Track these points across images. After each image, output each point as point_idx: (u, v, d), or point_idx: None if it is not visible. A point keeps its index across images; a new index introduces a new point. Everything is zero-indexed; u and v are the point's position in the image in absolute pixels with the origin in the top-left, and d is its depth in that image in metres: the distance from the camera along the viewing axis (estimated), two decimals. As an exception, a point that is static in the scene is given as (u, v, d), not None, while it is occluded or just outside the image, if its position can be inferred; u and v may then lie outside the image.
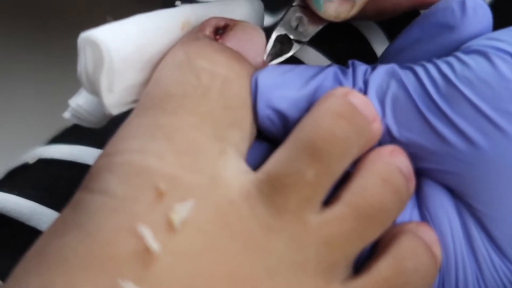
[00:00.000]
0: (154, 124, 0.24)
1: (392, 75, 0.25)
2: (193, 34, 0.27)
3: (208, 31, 0.27)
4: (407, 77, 0.25)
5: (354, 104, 0.24)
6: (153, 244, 0.22)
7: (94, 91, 0.26)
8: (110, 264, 0.22)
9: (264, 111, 0.25)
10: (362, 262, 0.25)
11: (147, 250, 0.22)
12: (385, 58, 0.28)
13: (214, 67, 0.25)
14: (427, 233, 0.25)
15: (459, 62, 0.25)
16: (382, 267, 0.24)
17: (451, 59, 0.25)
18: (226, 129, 0.25)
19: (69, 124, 0.39)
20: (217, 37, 0.27)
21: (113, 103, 0.26)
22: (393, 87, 0.25)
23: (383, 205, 0.24)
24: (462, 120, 0.24)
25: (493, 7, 0.37)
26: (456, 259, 0.25)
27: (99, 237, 0.22)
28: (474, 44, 0.25)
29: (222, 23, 0.27)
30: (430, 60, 0.25)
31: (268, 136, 0.26)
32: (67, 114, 0.28)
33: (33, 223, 0.32)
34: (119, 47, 0.25)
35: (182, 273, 0.22)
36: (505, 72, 0.24)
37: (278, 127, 0.26)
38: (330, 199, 0.24)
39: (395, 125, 0.25)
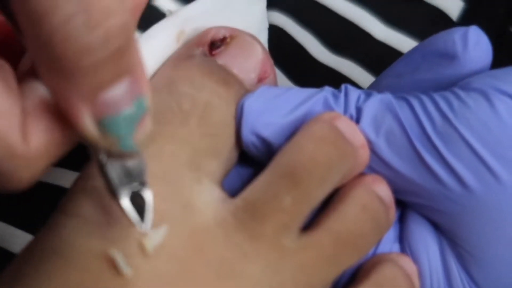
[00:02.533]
0: None
1: (387, 106, 0.25)
2: (188, 49, 0.26)
3: (203, 46, 0.26)
4: (402, 111, 0.25)
5: (339, 129, 0.24)
6: (125, 268, 0.22)
7: None
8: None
9: (248, 137, 0.25)
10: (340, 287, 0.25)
11: (119, 275, 0.22)
12: (382, 82, 0.28)
13: (197, 92, 0.25)
14: (408, 264, 0.25)
15: (458, 100, 0.24)
16: None
17: (449, 95, 0.25)
18: (203, 157, 0.25)
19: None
20: (213, 52, 0.26)
21: None
22: (388, 119, 0.25)
23: (361, 232, 0.24)
24: (457, 160, 0.24)
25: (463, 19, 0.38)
26: None
27: (73, 261, 0.23)
28: (474, 81, 0.25)
29: (219, 36, 0.27)
30: (426, 93, 0.25)
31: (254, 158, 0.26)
32: None
33: (5, 245, 0.32)
34: None
35: None
36: (505, 117, 0.23)
37: (263, 152, 0.25)
38: (309, 224, 0.24)
39: (388, 157, 0.25)
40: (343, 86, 0.26)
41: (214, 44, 0.27)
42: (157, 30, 0.27)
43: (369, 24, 0.38)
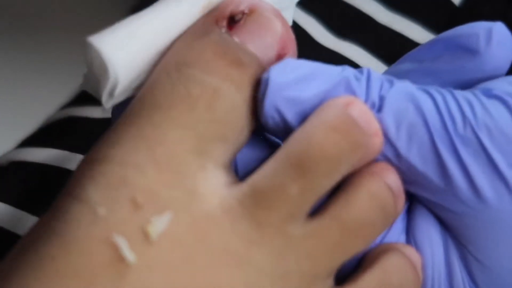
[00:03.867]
0: (139, 134, 0.24)
1: (411, 98, 0.24)
2: (205, 24, 0.26)
3: (222, 20, 0.26)
4: (426, 105, 0.24)
5: (353, 116, 0.24)
6: (129, 254, 0.22)
7: (96, 87, 0.26)
8: (86, 273, 0.22)
9: (270, 112, 0.25)
10: (346, 275, 0.25)
11: (122, 261, 0.22)
12: (402, 66, 0.27)
13: (207, 76, 0.25)
14: (413, 254, 0.25)
15: (481, 105, 0.24)
16: (369, 279, 0.24)
17: (472, 98, 0.24)
18: (210, 143, 0.24)
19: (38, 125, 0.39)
20: (230, 27, 0.26)
21: (110, 103, 0.26)
22: (411, 112, 0.24)
23: (369, 220, 0.24)
24: (474, 166, 0.24)
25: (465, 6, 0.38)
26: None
27: (76, 246, 0.22)
28: (497, 87, 0.25)
29: (239, 10, 0.26)
30: (449, 90, 0.25)
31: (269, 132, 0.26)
32: (82, 85, 0.28)
33: (7, 225, 0.32)
34: (126, 63, 0.25)
35: (157, 285, 0.22)
36: None
37: (281, 129, 0.25)
38: (317, 210, 0.24)
39: (406, 149, 0.24)
40: (365, 70, 0.25)
41: (233, 18, 0.26)
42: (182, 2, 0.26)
43: (372, 8, 0.38)
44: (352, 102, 0.24)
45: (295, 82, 0.25)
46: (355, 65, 0.36)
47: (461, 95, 0.25)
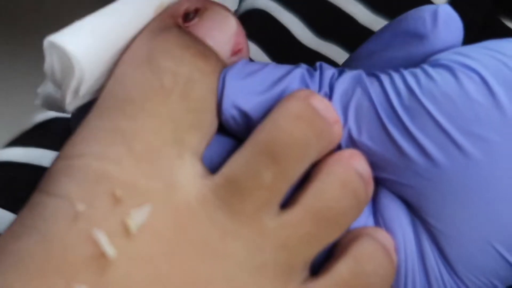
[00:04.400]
0: (114, 127, 0.24)
1: (358, 82, 0.25)
2: (162, 21, 0.26)
3: (177, 18, 0.26)
4: (372, 86, 0.25)
5: (315, 107, 0.24)
6: (109, 249, 0.22)
7: (60, 90, 0.26)
8: (66, 268, 0.22)
9: (228, 110, 0.25)
10: (319, 264, 0.25)
11: (103, 256, 0.22)
12: (354, 61, 0.28)
13: (178, 67, 0.25)
14: (385, 238, 0.25)
15: (425, 75, 0.25)
16: (342, 268, 0.24)
17: (417, 71, 0.25)
18: (186, 132, 0.25)
19: (27, 127, 0.39)
20: (186, 24, 0.26)
21: (74, 104, 0.26)
22: (358, 94, 0.25)
23: (341, 208, 0.24)
24: (422, 134, 0.24)
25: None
26: (406, 272, 0.25)
27: (55, 241, 0.23)
28: (442, 57, 0.25)
29: (193, 7, 0.27)
30: (397, 70, 0.25)
31: (231, 132, 0.26)
32: (37, 102, 0.28)
33: None
34: (90, 58, 0.25)
35: (138, 278, 0.22)
36: (471, 92, 0.24)
37: (242, 127, 0.25)
38: (288, 202, 0.25)
39: (356, 132, 0.25)
40: (318, 64, 0.26)
41: (187, 16, 0.27)
42: (136, 2, 0.26)
43: (354, 9, 0.38)
44: (310, 94, 0.25)
45: (251, 79, 0.25)
46: (335, 65, 0.37)
47: (408, 70, 0.25)
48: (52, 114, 0.38)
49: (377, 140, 0.25)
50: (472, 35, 0.35)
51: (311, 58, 0.37)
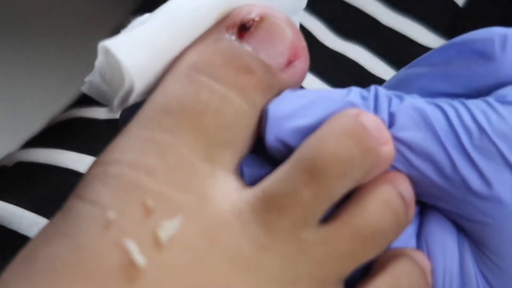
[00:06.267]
0: (150, 138, 0.24)
1: (421, 114, 0.25)
2: (217, 30, 0.26)
3: (233, 28, 0.26)
4: (437, 120, 0.24)
5: (364, 124, 0.24)
6: (139, 258, 0.22)
7: (104, 92, 0.26)
8: (97, 276, 0.22)
9: (273, 143, 0.25)
10: (355, 281, 0.25)
11: (133, 265, 0.22)
12: (414, 69, 0.27)
13: (216, 83, 0.25)
14: (423, 260, 0.25)
15: (495, 113, 0.24)
16: (378, 285, 0.24)
17: (485, 107, 0.24)
18: (218, 148, 0.25)
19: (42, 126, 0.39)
20: (241, 35, 0.26)
21: (122, 107, 0.26)
22: (423, 128, 0.24)
23: (380, 228, 0.24)
24: (493, 174, 0.24)
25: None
26: None
27: (87, 249, 0.23)
28: (511, 94, 0.25)
29: (249, 17, 0.26)
30: (460, 101, 0.25)
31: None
32: (84, 89, 0.28)
33: (14, 226, 0.32)
34: (142, 71, 0.25)
35: None
36: None
37: (287, 157, 0.25)
38: (329, 217, 0.24)
39: (422, 165, 0.25)
40: (372, 88, 0.25)
41: (244, 26, 0.26)
42: (197, 12, 0.26)
43: (375, 9, 0.38)
44: (361, 113, 0.24)
45: (296, 111, 0.25)
46: (358, 67, 0.37)
47: (474, 105, 0.25)
48: (73, 114, 0.38)
49: (443, 175, 0.24)
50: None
51: (335, 60, 0.37)
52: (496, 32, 0.26)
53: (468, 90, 0.26)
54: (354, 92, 0.25)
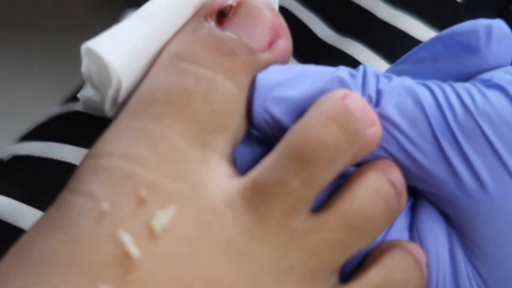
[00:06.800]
0: (140, 129, 0.24)
1: (409, 91, 0.25)
2: (196, 20, 0.26)
3: (211, 16, 0.26)
4: (424, 98, 0.25)
5: (349, 107, 0.24)
6: (133, 249, 0.22)
7: (99, 92, 0.26)
8: (91, 268, 0.22)
9: (260, 114, 0.25)
10: (349, 272, 0.25)
11: (127, 256, 0.22)
12: (401, 66, 0.27)
13: (201, 69, 0.25)
14: (418, 252, 0.25)
15: (480, 94, 0.24)
16: (373, 276, 0.24)
17: (471, 88, 0.25)
18: (210, 134, 0.25)
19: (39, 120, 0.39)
20: (220, 21, 0.26)
21: (115, 109, 0.26)
22: (410, 105, 0.24)
23: (372, 216, 0.24)
24: (476, 156, 0.24)
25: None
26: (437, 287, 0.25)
27: (81, 241, 0.23)
28: (496, 77, 0.25)
29: (227, 3, 0.26)
30: (447, 82, 0.25)
31: (265, 135, 0.26)
32: (79, 106, 0.28)
33: (11, 219, 0.32)
34: (127, 67, 0.25)
35: (162, 279, 0.22)
36: None
37: (275, 130, 0.25)
38: (320, 206, 0.25)
39: (408, 144, 0.25)
40: (361, 66, 0.26)
41: (222, 12, 0.26)
42: (174, 4, 0.26)
43: (372, 4, 0.38)
44: (348, 94, 0.24)
45: (283, 82, 0.25)
46: (356, 62, 0.37)
47: (460, 86, 0.25)
48: (69, 107, 0.38)
49: (428, 155, 0.24)
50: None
51: (333, 55, 0.37)
52: (480, 24, 0.26)
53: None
54: (342, 70, 0.25)
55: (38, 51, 0.74)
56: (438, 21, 0.39)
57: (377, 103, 0.25)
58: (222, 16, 0.26)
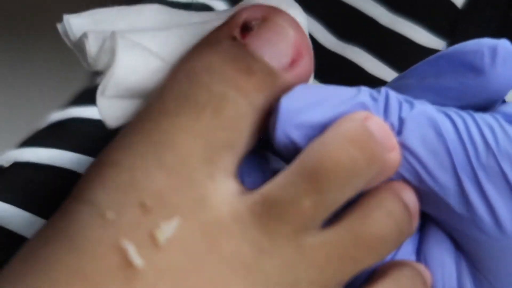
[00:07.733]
0: (148, 139, 0.24)
1: (432, 123, 0.24)
2: (219, 31, 0.26)
3: (235, 29, 0.25)
4: (446, 130, 0.24)
5: (370, 130, 0.23)
6: (136, 259, 0.22)
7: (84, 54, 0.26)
8: (94, 277, 0.22)
9: (282, 139, 0.24)
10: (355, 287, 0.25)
11: (130, 265, 0.22)
12: (405, 81, 0.27)
13: (214, 84, 0.24)
14: (424, 271, 0.25)
15: (501, 130, 0.24)
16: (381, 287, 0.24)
17: (493, 122, 0.24)
18: (217, 150, 0.24)
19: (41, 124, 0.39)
20: (243, 35, 0.25)
21: (102, 101, 0.26)
22: (432, 137, 0.24)
23: (382, 236, 0.24)
24: (496, 197, 0.24)
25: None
26: None
27: (84, 250, 0.23)
28: None
29: (253, 17, 0.25)
30: (468, 112, 0.25)
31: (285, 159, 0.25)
32: (59, 27, 0.28)
33: (12, 226, 0.32)
34: (130, 64, 0.25)
35: None
36: None
37: (293, 154, 0.25)
38: (331, 220, 0.24)
39: (428, 177, 0.24)
40: (383, 90, 0.25)
41: (247, 26, 0.25)
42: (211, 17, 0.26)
43: (374, 11, 0.38)
44: (369, 116, 0.24)
45: (306, 107, 0.24)
46: (358, 68, 0.37)
47: (482, 119, 0.24)
48: (69, 113, 0.38)
49: (447, 188, 0.24)
50: (489, 33, 0.35)
51: (335, 62, 0.37)
52: (485, 44, 0.25)
53: (460, 103, 0.26)
54: (364, 92, 0.25)
55: (38, 51, 0.74)
56: (439, 27, 0.39)
57: (399, 132, 0.24)
58: (246, 29, 0.25)
